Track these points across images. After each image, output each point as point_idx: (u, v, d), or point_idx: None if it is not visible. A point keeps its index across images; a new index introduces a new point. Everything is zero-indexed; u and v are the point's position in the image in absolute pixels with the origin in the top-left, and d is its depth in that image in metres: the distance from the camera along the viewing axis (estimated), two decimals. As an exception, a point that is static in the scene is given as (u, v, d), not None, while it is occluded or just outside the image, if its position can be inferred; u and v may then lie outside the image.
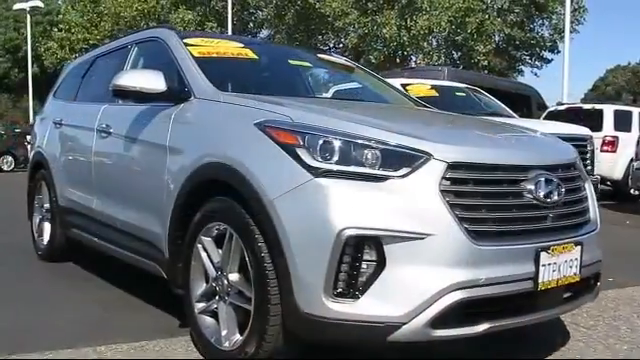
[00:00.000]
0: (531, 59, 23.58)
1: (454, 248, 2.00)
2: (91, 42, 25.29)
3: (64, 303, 3.32)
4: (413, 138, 2.12)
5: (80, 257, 4.42)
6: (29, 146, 20.17)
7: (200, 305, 2.54)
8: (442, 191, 2.03)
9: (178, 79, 2.96)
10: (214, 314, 2.48)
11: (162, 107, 2.92)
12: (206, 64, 3.00)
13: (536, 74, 24.66)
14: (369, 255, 2.00)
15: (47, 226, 4.50)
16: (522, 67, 23.97)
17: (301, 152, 2.09)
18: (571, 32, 22.05)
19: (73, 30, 26.20)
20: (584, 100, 22.25)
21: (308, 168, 2.06)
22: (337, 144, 2.08)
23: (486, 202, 2.11)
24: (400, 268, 1.98)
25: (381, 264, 1.99)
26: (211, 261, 2.48)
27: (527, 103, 12.68)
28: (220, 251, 2.46)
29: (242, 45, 3.43)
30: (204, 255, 2.51)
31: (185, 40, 3.25)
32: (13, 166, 20.16)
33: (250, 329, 2.23)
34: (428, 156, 2.06)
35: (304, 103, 2.67)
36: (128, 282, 3.67)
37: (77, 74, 4.56)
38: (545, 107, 12.46)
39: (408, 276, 1.98)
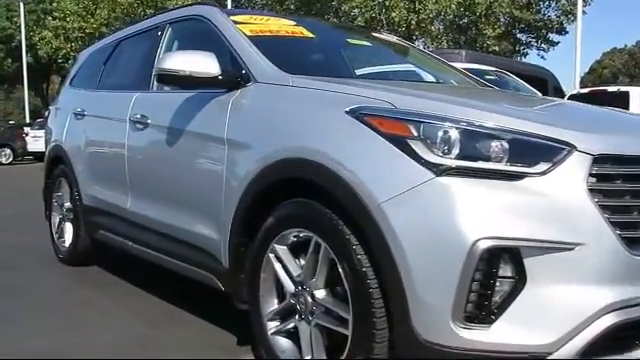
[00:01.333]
0: (537, 42, 23.16)
1: (608, 259, 1.64)
2: (87, 30, 24.76)
3: (102, 317, 2.94)
4: (551, 126, 1.74)
5: (106, 260, 4.07)
6: (28, 138, 19.90)
7: (273, 324, 2.18)
8: (590, 190, 1.66)
9: (231, 62, 2.57)
10: (292, 335, 2.13)
11: (213, 94, 2.54)
12: (262, 44, 2.61)
13: (543, 57, 24.24)
14: (505, 270, 1.64)
15: (69, 227, 4.13)
16: (527, 50, 23.56)
17: (416, 145, 1.71)
18: (576, 14, 21.73)
19: (68, 18, 25.57)
20: (582, 83, 21.90)
21: (426, 165, 1.68)
22: (459, 135, 1.70)
23: (637, 202, 1.74)
24: (543, 285, 1.62)
25: (520, 281, 1.63)
26: (288, 274, 2.11)
27: (544, 86, 12.29)
28: (298, 262, 2.10)
29: (294, 23, 3.03)
30: (278, 266, 2.15)
31: (233, 18, 2.86)
32: (11, 159, 19.72)
33: (348, 356, 1.87)
34: (571, 148, 1.69)
35: (392, 86, 2.29)
36: (166, 289, 3.31)
37: (97, 60, 4.16)
38: (561, 90, 12.11)
39: (553, 295, 1.62)
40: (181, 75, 2.47)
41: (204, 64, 2.47)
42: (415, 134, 1.73)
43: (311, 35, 2.97)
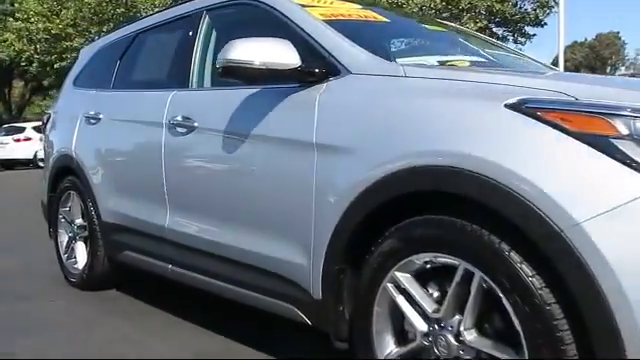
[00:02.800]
0: (513, 35, 23.17)
1: None
2: (53, 32, 23.74)
3: (145, 355, 2.49)
4: None
5: (126, 283, 3.60)
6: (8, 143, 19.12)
7: (394, 370, 1.78)
8: None
9: (305, 51, 2.14)
10: (422, 385, 1.73)
11: (288, 89, 2.12)
12: (344, 30, 2.20)
13: (520, 50, 24.26)
14: None
15: (81, 246, 3.64)
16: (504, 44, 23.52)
17: (626, 146, 1.33)
18: (552, 6, 21.81)
19: (32, 19, 24.45)
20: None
21: (646, 172, 1.30)
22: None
23: None
24: None
25: None
26: (418, 308, 1.71)
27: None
28: (429, 293, 1.71)
29: (361, 7, 2.62)
30: (400, 299, 1.74)
31: (297, 1, 2.43)
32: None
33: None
34: None
35: (537, 74, 1.90)
36: (210, 317, 2.87)
37: (108, 57, 3.67)
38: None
39: None
40: (253, 67, 2.04)
41: (281, 53, 2.05)
42: (624, 132, 1.34)
43: (385, 19, 2.57)
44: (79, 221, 3.64)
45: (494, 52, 2.75)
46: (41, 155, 19.15)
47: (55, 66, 24.00)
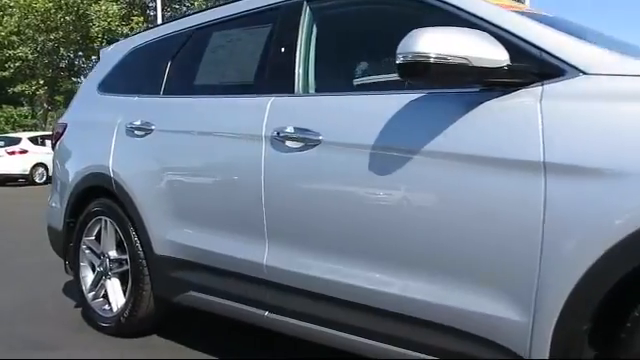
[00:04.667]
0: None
1: None
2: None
3: None
4: None
5: (169, 326, 3.01)
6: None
7: None
8: None
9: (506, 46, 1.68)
10: None
11: (478, 94, 1.67)
12: (541, 22, 1.77)
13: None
14: None
15: (115, 284, 3.01)
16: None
17: None
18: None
19: (-28, 26, 22.93)
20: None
21: None
22: None
23: None
24: None
25: None
26: None
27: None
28: None
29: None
30: None
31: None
32: None
33: None
34: None
35: None
36: None
37: (152, 57, 3.09)
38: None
39: None
40: (451, 64, 1.57)
41: (487, 48, 1.60)
42: None
43: (546, 13, 2.15)
44: (113, 253, 3.01)
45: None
46: (41, 171, 17.44)
47: (-3, 75, 22.57)
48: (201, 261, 2.50)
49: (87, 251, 3.16)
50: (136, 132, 2.85)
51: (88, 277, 3.17)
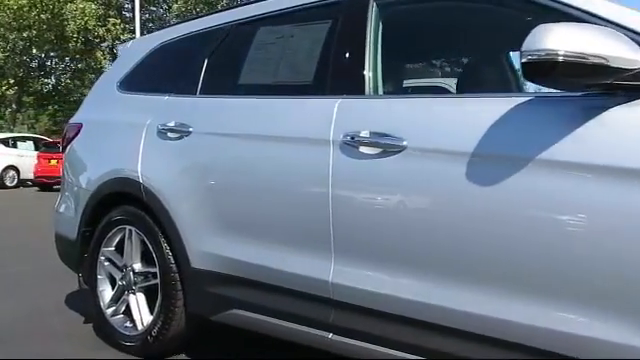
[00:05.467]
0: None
1: None
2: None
3: None
4: None
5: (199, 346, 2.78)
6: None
7: None
8: None
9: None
10: None
11: (608, 99, 1.51)
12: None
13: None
14: None
15: (140, 300, 2.76)
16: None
17: None
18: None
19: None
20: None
21: None
22: None
23: None
24: None
25: None
26: None
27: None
28: None
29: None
30: None
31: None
32: None
33: None
34: None
35: None
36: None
37: (184, 53, 2.86)
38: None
39: None
40: (588, 63, 1.41)
41: (622, 46, 1.44)
42: None
43: None
44: (138, 266, 2.76)
45: None
46: (12, 174, 16.63)
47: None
48: (250, 277, 2.28)
49: (106, 263, 2.91)
50: (169, 134, 2.62)
51: (106, 291, 2.91)
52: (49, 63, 26.56)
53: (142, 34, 21.10)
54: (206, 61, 2.68)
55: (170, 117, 2.65)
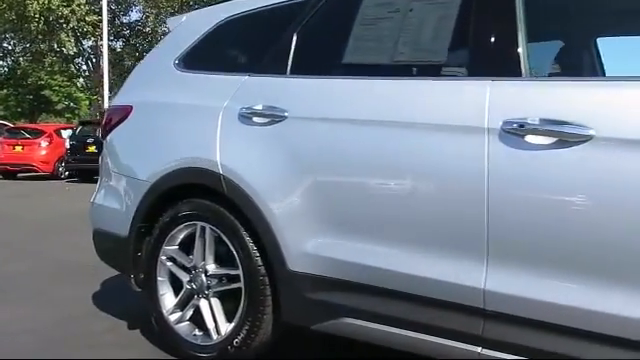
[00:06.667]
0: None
1: None
2: None
3: None
4: None
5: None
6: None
7: None
8: None
9: None
10: None
11: None
12: None
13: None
14: None
15: (215, 306, 2.45)
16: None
17: None
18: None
19: None
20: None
21: None
22: None
23: None
24: None
25: None
26: None
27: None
28: None
29: None
30: None
31: None
32: None
33: None
34: None
35: None
36: None
37: (265, 28, 2.53)
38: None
39: None
40: None
41: None
42: None
43: None
44: (212, 268, 2.45)
45: None
46: None
47: None
48: (369, 282, 2.00)
49: (168, 263, 2.58)
50: (255, 119, 2.30)
51: (168, 295, 2.58)
52: (6, 45, 25.26)
53: (108, 16, 20.24)
54: (294, 37, 2.36)
55: (255, 100, 2.33)
